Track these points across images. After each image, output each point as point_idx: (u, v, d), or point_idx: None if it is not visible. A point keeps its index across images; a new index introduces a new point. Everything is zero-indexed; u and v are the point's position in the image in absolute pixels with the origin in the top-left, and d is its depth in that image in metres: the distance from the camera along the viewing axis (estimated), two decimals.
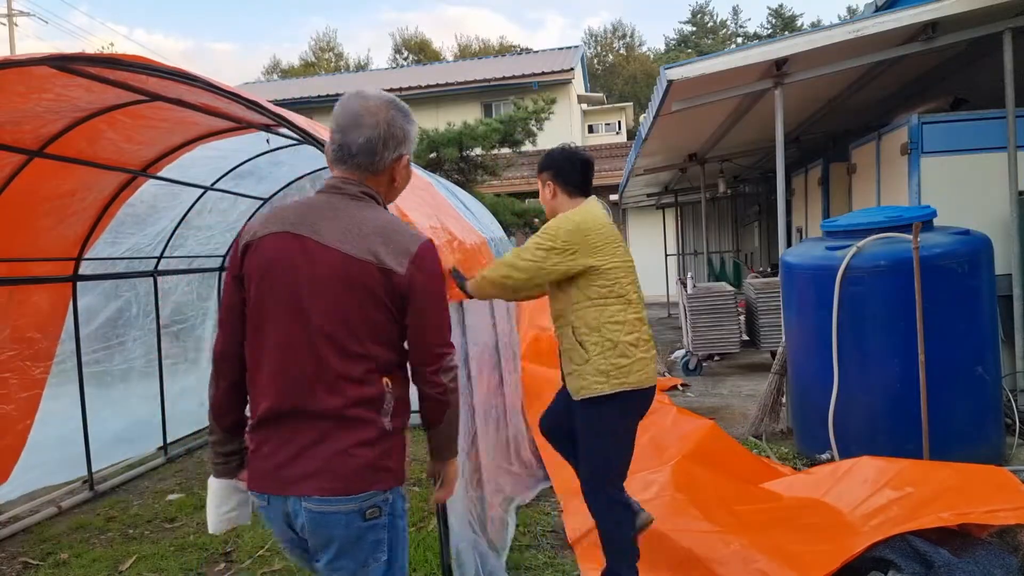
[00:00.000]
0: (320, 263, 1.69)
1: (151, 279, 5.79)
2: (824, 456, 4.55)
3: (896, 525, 2.99)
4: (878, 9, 6.27)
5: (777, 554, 3.17)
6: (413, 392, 1.90)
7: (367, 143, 1.76)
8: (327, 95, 23.53)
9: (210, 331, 6.67)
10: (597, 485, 2.93)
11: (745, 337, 8.43)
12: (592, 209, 2.95)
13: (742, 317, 8.52)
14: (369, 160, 1.78)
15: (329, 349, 1.69)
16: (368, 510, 1.69)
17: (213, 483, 1.88)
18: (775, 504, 3.70)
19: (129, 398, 5.74)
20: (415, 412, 1.94)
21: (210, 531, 1.91)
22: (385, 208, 1.87)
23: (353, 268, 1.68)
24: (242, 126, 4.33)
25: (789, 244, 5.68)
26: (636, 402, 2.88)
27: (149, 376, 5.87)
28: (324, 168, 6.24)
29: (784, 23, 46.85)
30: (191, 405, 6.46)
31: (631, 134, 27.12)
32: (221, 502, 1.87)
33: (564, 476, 3.94)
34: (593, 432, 2.90)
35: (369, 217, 1.75)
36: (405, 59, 43.89)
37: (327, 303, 1.69)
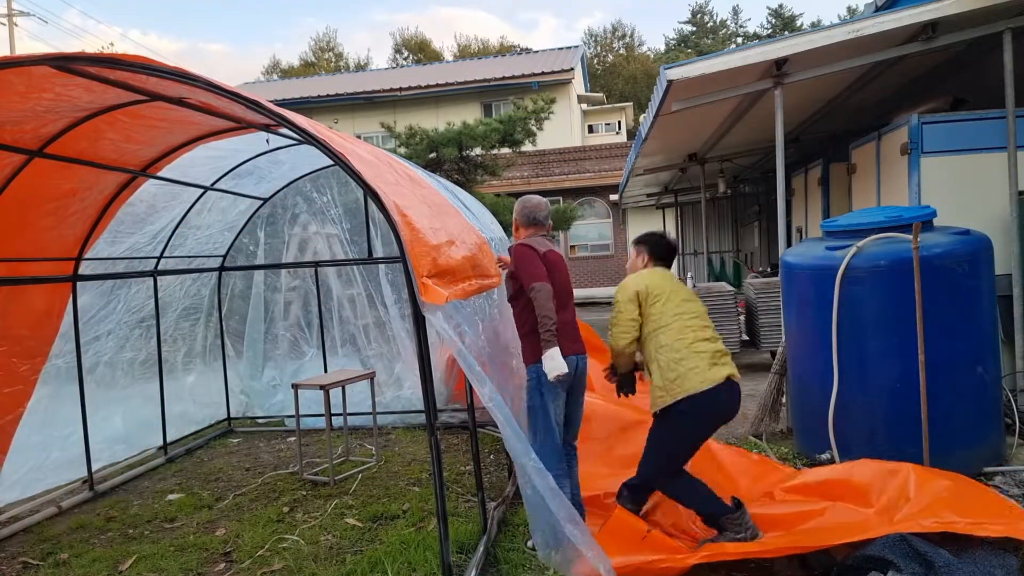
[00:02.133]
0: (562, 260, 3.87)
1: (151, 279, 5.79)
2: (824, 456, 4.54)
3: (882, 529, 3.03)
4: (878, 9, 6.27)
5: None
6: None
7: (547, 216, 3.92)
8: (327, 95, 23.54)
9: (203, 330, 6.66)
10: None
11: (745, 337, 8.43)
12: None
13: (742, 317, 8.52)
14: (546, 223, 3.93)
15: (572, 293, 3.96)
16: None
17: (558, 351, 3.45)
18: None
19: (130, 398, 5.74)
20: (416, 412, 1.99)
21: (565, 371, 3.42)
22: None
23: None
24: (242, 126, 4.33)
25: (789, 244, 5.68)
26: None
27: (149, 376, 5.88)
28: (323, 168, 6.28)
29: (784, 23, 46.85)
30: (188, 405, 6.46)
31: (631, 134, 27.12)
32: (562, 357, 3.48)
33: None
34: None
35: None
36: (405, 59, 43.90)
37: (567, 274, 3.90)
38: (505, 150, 12.47)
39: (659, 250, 3.96)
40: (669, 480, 3.65)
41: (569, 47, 27.66)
